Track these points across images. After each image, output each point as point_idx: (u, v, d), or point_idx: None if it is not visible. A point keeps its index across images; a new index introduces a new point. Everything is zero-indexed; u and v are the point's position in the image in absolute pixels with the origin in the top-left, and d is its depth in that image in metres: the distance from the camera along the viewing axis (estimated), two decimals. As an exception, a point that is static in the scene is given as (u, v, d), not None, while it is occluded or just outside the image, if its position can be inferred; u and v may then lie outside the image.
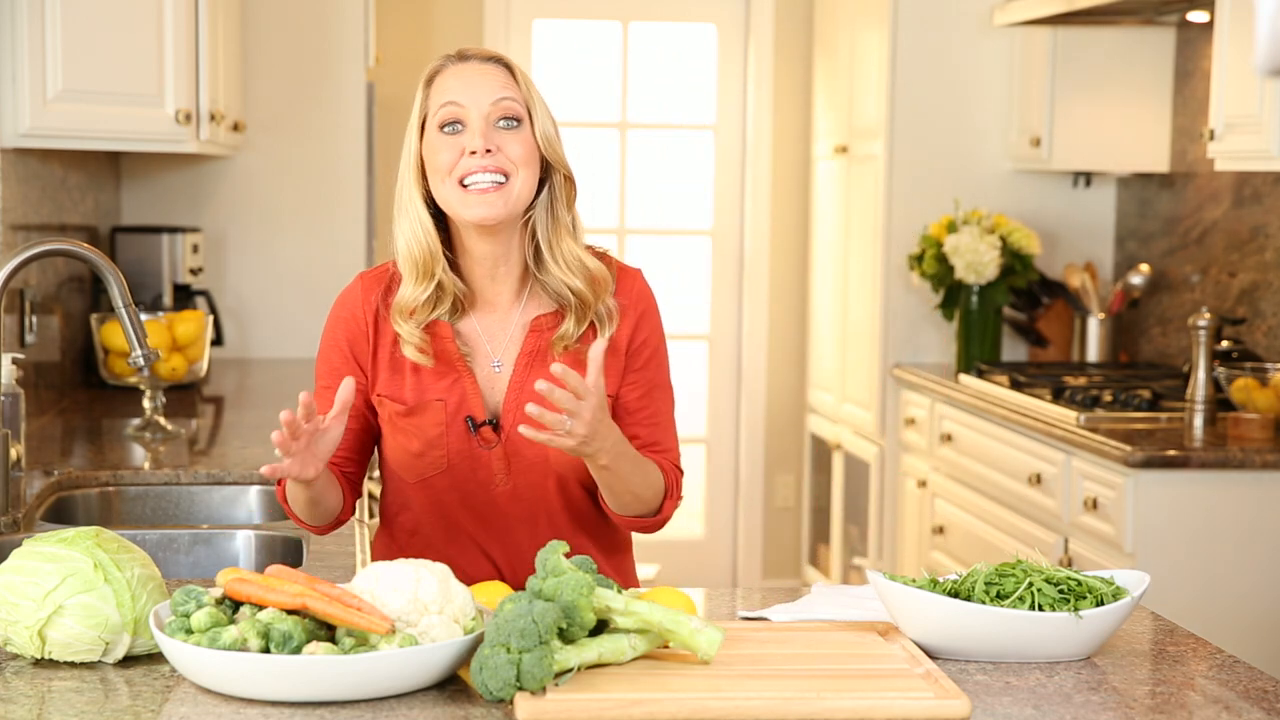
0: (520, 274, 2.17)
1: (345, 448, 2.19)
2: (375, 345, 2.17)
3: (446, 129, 2.09)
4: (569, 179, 2.16)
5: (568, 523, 2.19)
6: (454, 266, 2.16)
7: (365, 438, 2.22)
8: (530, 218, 2.14)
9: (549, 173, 2.15)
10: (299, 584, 1.75)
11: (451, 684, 1.75)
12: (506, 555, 2.19)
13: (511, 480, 2.16)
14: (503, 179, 2.08)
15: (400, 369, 2.16)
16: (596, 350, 1.95)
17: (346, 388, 1.96)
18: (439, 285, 2.13)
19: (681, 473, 2.22)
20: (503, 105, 2.09)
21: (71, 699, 1.71)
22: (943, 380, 4.65)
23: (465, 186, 2.08)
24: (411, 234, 2.13)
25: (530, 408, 1.93)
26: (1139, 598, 1.90)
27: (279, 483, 2.17)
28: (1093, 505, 3.66)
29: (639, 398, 2.19)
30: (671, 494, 2.18)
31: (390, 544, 2.23)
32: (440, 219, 2.15)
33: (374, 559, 2.27)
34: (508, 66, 2.12)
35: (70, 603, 1.80)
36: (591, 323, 2.16)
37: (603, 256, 2.20)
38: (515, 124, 2.10)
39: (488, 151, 2.07)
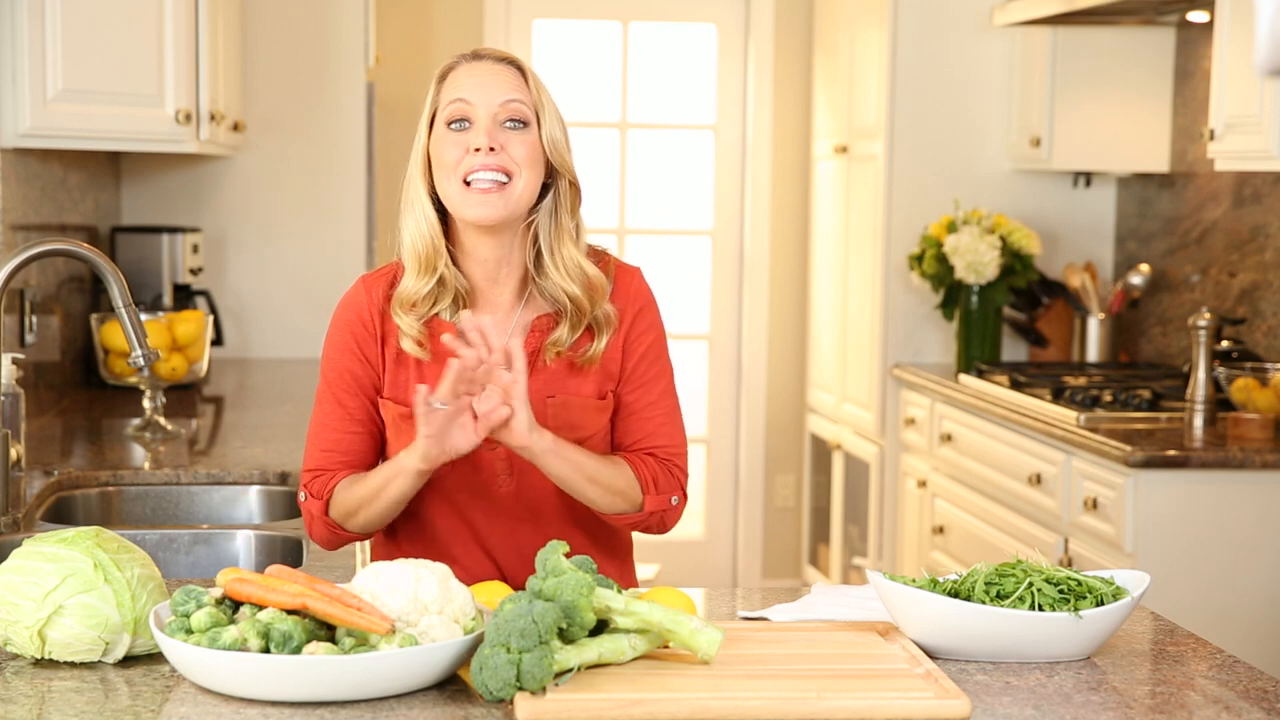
0: (521, 276, 2.17)
1: (375, 452, 2.19)
2: (383, 345, 2.16)
3: (454, 125, 2.10)
4: (574, 185, 2.16)
5: (570, 523, 2.19)
6: (456, 265, 2.16)
7: (382, 440, 2.21)
8: (533, 221, 2.14)
9: (554, 177, 2.15)
10: (299, 584, 1.75)
11: (451, 684, 1.75)
12: (509, 555, 2.19)
13: (514, 480, 2.16)
14: (505, 178, 2.08)
15: (404, 371, 2.15)
16: (516, 345, 1.98)
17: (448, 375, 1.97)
18: (440, 280, 2.13)
19: (684, 472, 2.20)
20: (511, 107, 2.09)
21: (71, 699, 1.71)
22: (943, 380, 4.65)
23: (468, 184, 2.08)
24: (416, 229, 2.13)
25: (467, 322, 1.96)
26: (1139, 598, 1.90)
27: (315, 499, 2.16)
28: (1093, 505, 3.66)
29: (641, 397, 2.19)
30: (649, 490, 2.15)
31: (391, 544, 2.23)
32: (445, 218, 2.15)
33: (374, 559, 2.27)
34: (520, 69, 2.12)
35: (70, 603, 1.79)
36: (589, 326, 2.16)
37: (601, 256, 2.21)
38: (522, 126, 2.10)
39: (491, 150, 2.07)
